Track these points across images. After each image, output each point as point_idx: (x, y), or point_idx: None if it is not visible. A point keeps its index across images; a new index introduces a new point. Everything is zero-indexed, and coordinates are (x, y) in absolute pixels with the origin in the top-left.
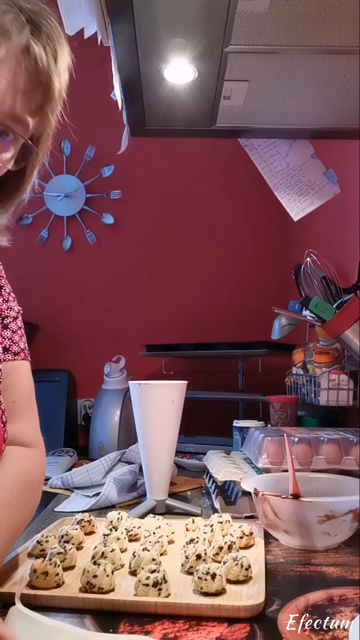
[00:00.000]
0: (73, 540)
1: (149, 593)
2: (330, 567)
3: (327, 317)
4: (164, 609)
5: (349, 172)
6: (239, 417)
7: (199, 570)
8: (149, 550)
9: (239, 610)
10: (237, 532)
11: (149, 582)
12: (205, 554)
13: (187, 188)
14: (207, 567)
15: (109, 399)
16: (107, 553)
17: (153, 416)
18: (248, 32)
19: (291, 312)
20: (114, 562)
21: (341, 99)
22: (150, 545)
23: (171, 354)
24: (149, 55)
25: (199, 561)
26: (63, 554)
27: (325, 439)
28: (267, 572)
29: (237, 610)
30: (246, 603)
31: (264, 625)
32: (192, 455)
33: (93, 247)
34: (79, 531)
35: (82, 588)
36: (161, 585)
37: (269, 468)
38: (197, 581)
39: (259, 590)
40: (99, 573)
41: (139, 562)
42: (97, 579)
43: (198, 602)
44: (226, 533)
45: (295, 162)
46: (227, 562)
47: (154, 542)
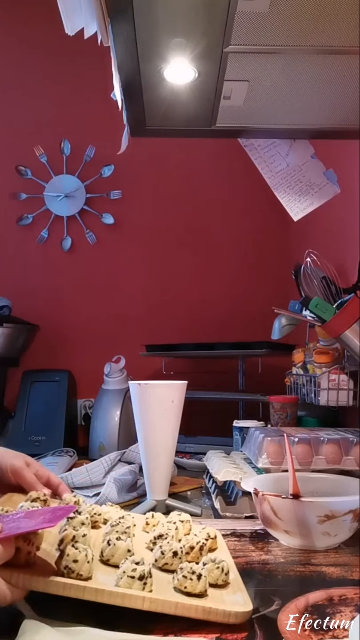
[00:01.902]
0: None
1: (133, 586)
2: (330, 567)
3: (327, 317)
4: (150, 605)
5: (349, 172)
6: (239, 417)
7: (183, 569)
8: (124, 541)
9: (229, 616)
10: (202, 534)
11: (135, 575)
12: (182, 552)
13: (187, 188)
14: (191, 567)
15: (109, 399)
16: (78, 538)
17: (153, 416)
18: (248, 32)
19: (291, 312)
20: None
21: (341, 99)
22: (123, 535)
23: (171, 354)
24: (149, 55)
25: (175, 558)
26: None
27: (325, 439)
28: (267, 572)
29: (227, 615)
30: (237, 609)
31: (264, 625)
32: (192, 455)
33: (93, 247)
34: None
35: (60, 572)
36: (146, 579)
37: (269, 468)
38: (181, 579)
39: (245, 597)
40: (79, 558)
41: (114, 551)
42: (77, 565)
43: (188, 602)
44: (187, 532)
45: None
46: (208, 564)
47: (121, 532)
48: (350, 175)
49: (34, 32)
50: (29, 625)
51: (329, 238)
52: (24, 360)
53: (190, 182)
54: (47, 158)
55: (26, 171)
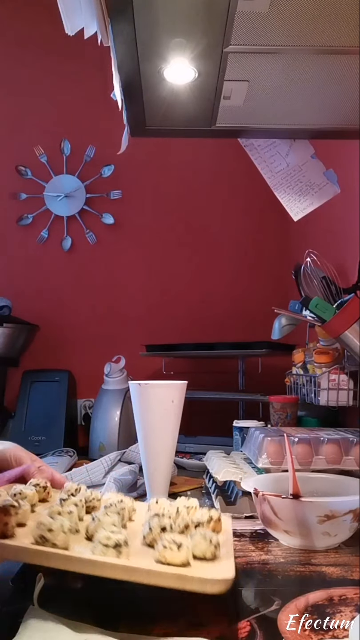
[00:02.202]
0: (27, 500)
1: (107, 554)
2: (330, 567)
3: (327, 317)
4: (123, 573)
5: (349, 172)
6: (239, 417)
7: (163, 539)
8: (109, 516)
9: (205, 584)
10: (204, 516)
11: (109, 543)
12: (172, 529)
13: (187, 188)
14: (172, 537)
15: (109, 399)
16: (64, 514)
17: (153, 416)
18: (248, 32)
19: (291, 312)
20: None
21: (341, 99)
22: (116, 515)
23: (171, 354)
24: (149, 55)
25: (163, 533)
26: (16, 509)
27: (325, 439)
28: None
29: (203, 583)
30: (214, 577)
31: (263, 625)
32: (192, 455)
33: (93, 247)
34: (34, 492)
35: (34, 542)
36: (121, 548)
37: (269, 468)
38: (161, 550)
39: (229, 566)
40: (55, 527)
41: (99, 526)
42: (52, 534)
43: (160, 569)
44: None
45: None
46: (195, 535)
47: (114, 512)
48: (350, 175)
49: (34, 31)
50: (34, 612)
51: (329, 238)
52: (24, 360)
53: (190, 182)
54: (47, 158)
55: (26, 171)
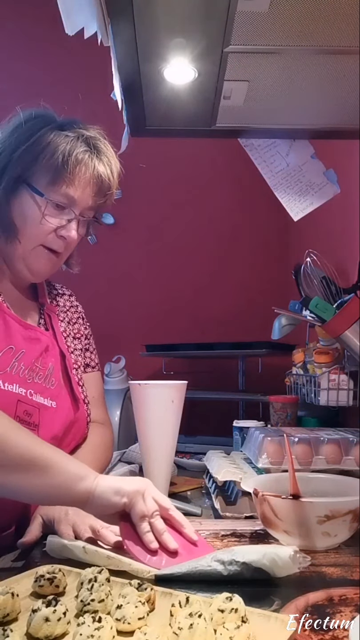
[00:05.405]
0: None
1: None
2: (330, 567)
3: (327, 317)
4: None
5: (349, 172)
6: (239, 417)
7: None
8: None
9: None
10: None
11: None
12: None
13: (187, 188)
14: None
15: (109, 399)
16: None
17: (153, 416)
18: (248, 32)
19: (291, 312)
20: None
21: (341, 99)
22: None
23: (171, 354)
24: (149, 55)
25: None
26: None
27: (325, 439)
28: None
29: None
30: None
31: None
32: (192, 455)
33: (93, 247)
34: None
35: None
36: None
37: (269, 468)
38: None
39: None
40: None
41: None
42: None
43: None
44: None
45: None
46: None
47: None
48: (350, 175)
49: (34, 31)
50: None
51: (329, 238)
52: None
53: (190, 182)
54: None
55: None
